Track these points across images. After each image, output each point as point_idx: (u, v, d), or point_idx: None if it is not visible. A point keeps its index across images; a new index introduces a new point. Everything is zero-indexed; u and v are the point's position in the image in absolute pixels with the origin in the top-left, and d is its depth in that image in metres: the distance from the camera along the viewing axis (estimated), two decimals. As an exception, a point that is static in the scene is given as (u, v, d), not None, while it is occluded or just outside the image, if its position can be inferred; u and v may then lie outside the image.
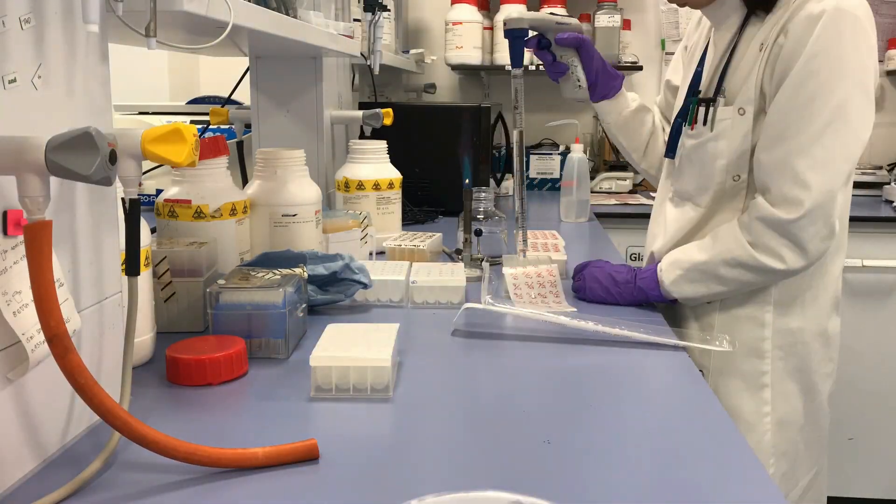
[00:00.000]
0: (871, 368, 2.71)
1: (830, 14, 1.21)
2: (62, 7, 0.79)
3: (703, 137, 1.35)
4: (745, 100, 1.30)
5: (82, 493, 0.74)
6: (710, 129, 1.33)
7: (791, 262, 1.26)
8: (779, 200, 1.25)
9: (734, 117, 1.31)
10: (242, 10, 1.10)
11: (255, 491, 0.75)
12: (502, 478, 0.79)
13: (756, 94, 1.29)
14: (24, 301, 0.72)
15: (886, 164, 3.28)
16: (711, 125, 1.33)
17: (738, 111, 1.30)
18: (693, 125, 1.36)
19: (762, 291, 1.37)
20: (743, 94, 1.30)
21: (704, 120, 1.34)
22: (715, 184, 1.35)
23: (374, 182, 1.79)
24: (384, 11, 2.15)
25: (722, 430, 0.91)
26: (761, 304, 1.37)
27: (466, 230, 1.59)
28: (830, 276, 1.39)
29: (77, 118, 0.82)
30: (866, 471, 2.76)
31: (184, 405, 0.97)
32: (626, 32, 3.19)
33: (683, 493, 0.77)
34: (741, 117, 1.30)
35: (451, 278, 1.39)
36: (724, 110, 1.32)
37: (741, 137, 1.31)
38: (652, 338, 1.18)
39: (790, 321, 1.37)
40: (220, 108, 2.00)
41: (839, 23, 1.21)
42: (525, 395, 1.02)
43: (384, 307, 1.38)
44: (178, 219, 1.27)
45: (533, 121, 3.32)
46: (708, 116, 1.33)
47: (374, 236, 1.66)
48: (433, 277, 1.39)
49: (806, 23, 1.22)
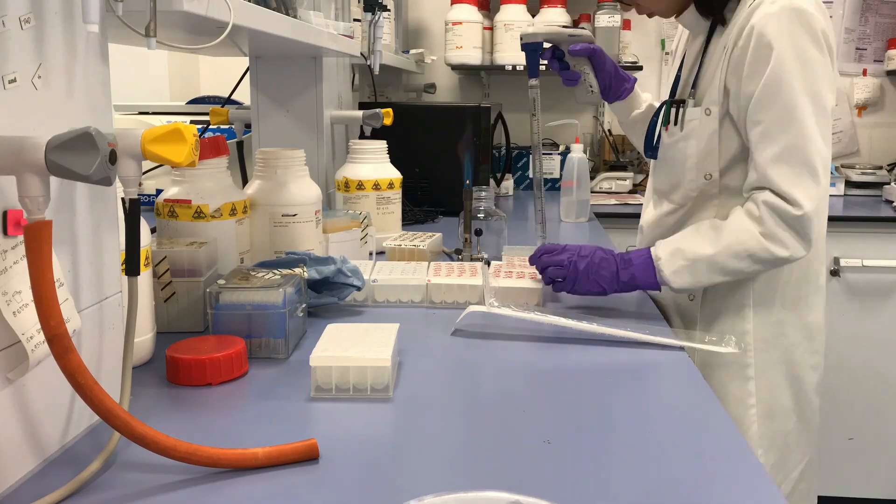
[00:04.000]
0: (871, 368, 2.71)
1: (783, 12, 1.27)
2: (62, 7, 0.79)
3: (675, 137, 1.42)
4: (711, 101, 1.36)
5: (82, 493, 0.74)
6: (680, 128, 1.40)
7: (795, 251, 1.30)
8: (785, 194, 1.28)
9: (701, 117, 1.37)
10: (242, 10, 1.10)
11: (255, 491, 0.75)
12: (502, 478, 0.79)
13: (720, 95, 1.35)
14: (24, 301, 0.72)
15: (886, 164, 3.28)
16: (682, 125, 1.40)
17: (704, 112, 1.37)
18: (667, 126, 1.43)
19: (742, 285, 1.41)
20: (709, 96, 1.37)
21: (676, 120, 1.41)
22: (686, 181, 1.41)
23: (374, 182, 1.79)
24: (384, 11, 2.15)
25: (722, 430, 0.91)
26: (742, 297, 1.41)
27: (466, 230, 1.61)
28: (810, 268, 1.43)
29: (77, 118, 0.82)
30: (866, 471, 2.76)
31: (184, 405, 0.97)
32: (626, 32, 3.19)
33: (683, 492, 0.77)
34: (707, 117, 1.37)
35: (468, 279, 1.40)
36: (693, 111, 1.39)
37: (708, 136, 1.37)
38: (657, 339, 1.18)
39: (771, 314, 1.41)
40: (220, 108, 2.00)
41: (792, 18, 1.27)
42: (525, 395, 1.02)
43: (392, 307, 1.38)
44: (178, 219, 1.27)
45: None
46: (678, 117, 1.40)
47: (374, 236, 1.66)
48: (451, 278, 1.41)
49: (760, 22, 1.28)
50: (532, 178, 1.66)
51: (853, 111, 3.33)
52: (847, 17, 3.28)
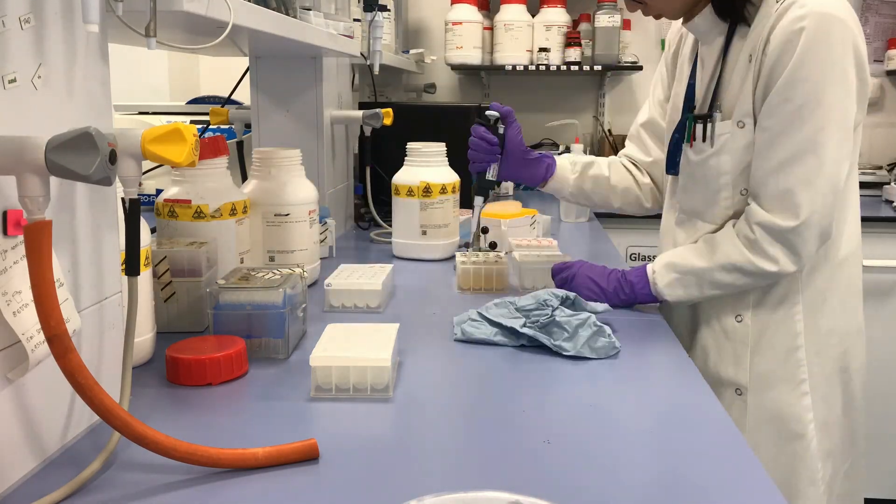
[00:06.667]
0: (872, 368, 2.70)
1: (814, 19, 1.21)
2: (62, 7, 0.79)
3: (706, 154, 1.35)
4: (743, 112, 1.30)
5: (82, 493, 0.74)
6: (710, 144, 1.34)
7: (784, 265, 1.28)
8: (775, 207, 1.26)
9: (733, 131, 1.31)
10: (242, 10, 1.10)
11: (255, 491, 0.75)
12: (502, 478, 0.79)
13: (752, 105, 1.29)
14: (24, 301, 0.72)
15: (886, 164, 3.28)
16: (711, 141, 1.33)
17: (737, 124, 1.30)
18: (692, 142, 1.37)
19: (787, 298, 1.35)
20: (740, 108, 1.30)
21: (703, 136, 1.34)
22: (722, 198, 1.35)
23: (452, 185, 1.78)
24: (384, 11, 2.15)
25: (721, 430, 0.91)
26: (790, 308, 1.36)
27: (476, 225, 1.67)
28: (852, 274, 1.40)
29: (77, 118, 0.82)
30: (867, 471, 2.76)
31: (184, 405, 0.97)
32: (626, 32, 3.19)
33: (683, 493, 0.77)
34: (741, 130, 1.30)
35: None
36: (723, 125, 1.32)
37: (742, 150, 1.31)
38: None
39: (820, 323, 1.37)
40: (220, 108, 2.00)
41: (823, 27, 1.21)
42: (525, 395, 1.02)
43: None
44: (178, 219, 1.27)
45: (533, 121, 3.32)
46: (707, 132, 1.34)
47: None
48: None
49: (790, 30, 1.22)
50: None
51: (853, 111, 3.32)
52: (847, 17, 3.28)
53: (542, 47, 3.08)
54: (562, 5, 3.14)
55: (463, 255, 1.56)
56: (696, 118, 1.36)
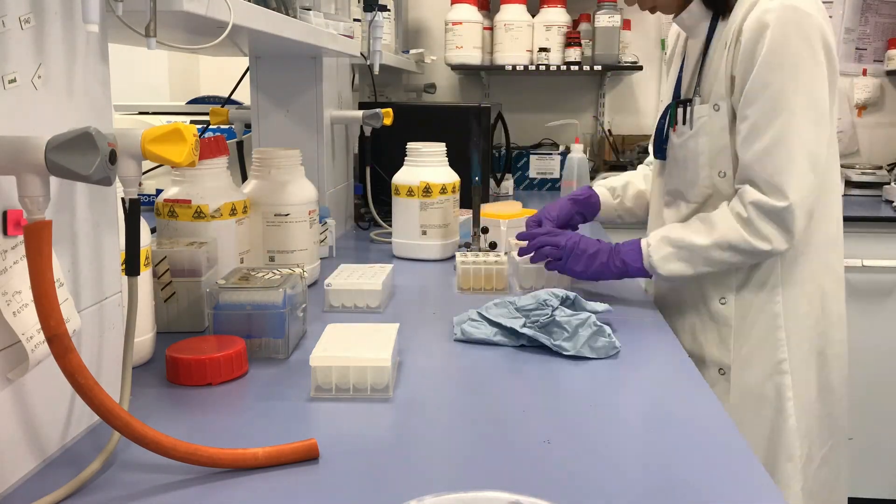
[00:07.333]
0: (871, 368, 2.71)
1: (782, 11, 1.28)
2: (62, 7, 0.79)
3: (686, 136, 1.42)
4: (718, 96, 1.37)
5: (82, 493, 0.74)
6: (689, 127, 1.41)
7: (777, 244, 1.33)
8: (767, 189, 1.31)
9: (710, 114, 1.38)
10: (242, 10, 1.10)
11: (255, 491, 0.75)
12: (502, 478, 0.79)
13: (726, 89, 1.36)
14: (24, 301, 0.72)
15: (886, 164, 3.28)
16: (691, 124, 1.41)
17: (713, 107, 1.38)
18: (675, 126, 1.44)
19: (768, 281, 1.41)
20: (716, 91, 1.38)
21: (684, 120, 1.42)
22: (701, 178, 1.41)
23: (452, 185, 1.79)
24: (384, 11, 2.15)
25: (721, 430, 0.91)
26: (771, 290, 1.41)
27: (475, 225, 1.68)
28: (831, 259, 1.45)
29: (77, 118, 0.82)
30: (866, 471, 2.76)
31: (184, 405, 0.97)
32: (626, 32, 3.18)
33: (683, 492, 0.77)
34: (717, 113, 1.38)
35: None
36: (701, 108, 1.40)
37: (718, 131, 1.38)
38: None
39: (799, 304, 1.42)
40: (220, 108, 2.00)
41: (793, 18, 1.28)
42: (525, 395, 1.02)
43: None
44: (178, 219, 1.27)
45: (533, 121, 3.32)
46: (686, 116, 1.41)
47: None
48: None
49: (762, 20, 1.29)
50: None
51: (853, 111, 3.33)
52: (847, 17, 3.28)
53: (542, 47, 3.08)
54: (562, 5, 3.13)
55: (463, 255, 1.56)
56: (678, 103, 1.44)
